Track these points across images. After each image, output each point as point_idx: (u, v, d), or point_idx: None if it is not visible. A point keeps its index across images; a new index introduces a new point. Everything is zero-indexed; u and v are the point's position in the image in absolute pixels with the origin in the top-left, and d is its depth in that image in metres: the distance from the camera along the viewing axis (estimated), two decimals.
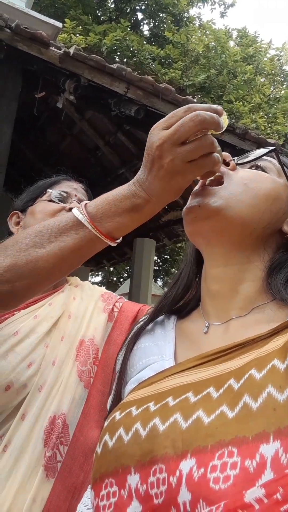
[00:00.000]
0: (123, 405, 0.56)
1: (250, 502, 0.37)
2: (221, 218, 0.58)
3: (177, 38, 7.79)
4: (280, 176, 0.64)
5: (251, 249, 0.61)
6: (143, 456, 0.47)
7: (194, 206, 0.59)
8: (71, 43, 6.90)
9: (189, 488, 0.42)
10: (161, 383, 0.55)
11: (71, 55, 2.57)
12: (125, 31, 7.38)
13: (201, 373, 0.52)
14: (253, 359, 0.49)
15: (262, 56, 9.50)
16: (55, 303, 0.98)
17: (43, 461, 0.81)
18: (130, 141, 4.77)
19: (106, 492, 0.49)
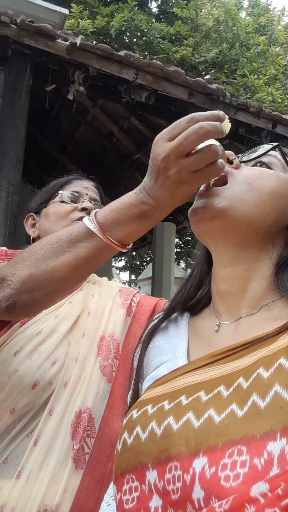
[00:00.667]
0: (139, 403, 0.59)
1: (256, 496, 0.39)
2: (226, 218, 0.59)
3: (186, 14, 7.56)
4: (285, 172, 0.63)
5: (258, 247, 0.61)
6: (159, 453, 0.50)
7: (199, 208, 0.60)
8: (79, 28, 6.81)
9: (202, 485, 0.44)
10: (174, 382, 0.57)
11: (78, 46, 2.56)
12: (133, 11, 7.21)
13: (212, 371, 0.55)
14: (261, 357, 0.51)
15: (275, 25, 9.11)
16: (75, 302, 1.01)
17: (72, 454, 0.85)
18: (144, 125, 4.74)
19: (128, 487, 0.52)
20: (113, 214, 0.63)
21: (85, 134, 5.58)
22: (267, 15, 9.11)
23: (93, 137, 5.56)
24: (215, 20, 7.56)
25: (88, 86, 2.82)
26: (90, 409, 0.89)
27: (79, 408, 0.88)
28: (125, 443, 0.55)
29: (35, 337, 0.90)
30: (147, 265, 12.81)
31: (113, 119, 5.04)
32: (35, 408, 0.86)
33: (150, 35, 7.43)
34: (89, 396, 0.90)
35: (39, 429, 0.84)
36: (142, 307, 1.06)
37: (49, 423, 0.85)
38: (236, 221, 0.59)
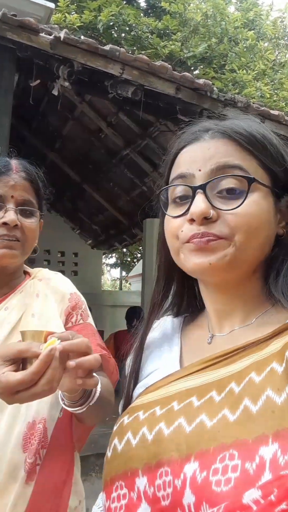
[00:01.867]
0: (131, 409, 0.58)
1: (248, 504, 0.39)
2: (232, 271, 0.57)
3: (174, 8, 7.51)
4: (257, 186, 0.57)
5: (252, 270, 0.60)
6: (150, 459, 0.50)
7: (204, 265, 0.56)
8: (66, 23, 6.73)
9: (193, 490, 0.44)
10: (166, 388, 0.57)
11: (62, 40, 2.52)
12: (121, 5, 7.15)
13: (204, 377, 0.54)
14: (253, 362, 0.51)
15: (263, 20, 9.10)
16: (12, 306, 0.93)
17: (25, 466, 0.80)
18: (132, 120, 4.70)
19: (116, 494, 0.52)
20: None
21: (73, 130, 5.53)
22: (255, 10, 9.10)
23: (81, 133, 5.51)
24: (204, 14, 7.53)
25: (73, 81, 2.77)
26: (45, 420, 0.85)
27: (32, 419, 0.84)
28: (115, 449, 0.55)
29: None
30: (137, 262, 12.81)
31: (101, 115, 4.99)
32: None
33: (138, 29, 7.38)
34: (43, 405, 0.85)
35: None
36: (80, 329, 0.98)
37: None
38: (239, 267, 0.58)
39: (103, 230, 7.90)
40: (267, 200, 0.58)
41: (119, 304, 7.78)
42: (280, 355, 0.49)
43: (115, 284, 19.93)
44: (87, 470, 2.94)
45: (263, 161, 0.58)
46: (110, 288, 18.03)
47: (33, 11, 4.32)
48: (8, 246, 0.89)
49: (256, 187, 0.57)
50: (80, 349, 0.68)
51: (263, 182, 0.58)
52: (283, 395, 0.45)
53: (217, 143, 0.58)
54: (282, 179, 0.60)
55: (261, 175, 0.58)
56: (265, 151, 0.59)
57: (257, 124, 0.62)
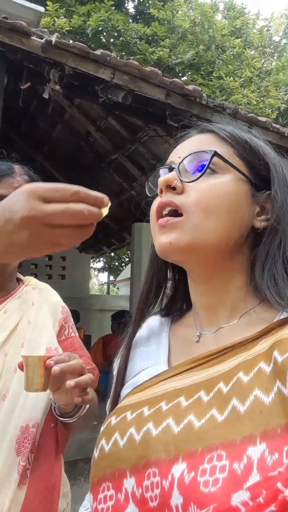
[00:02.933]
0: (118, 409, 0.58)
1: (237, 505, 0.38)
2: (193, 251, 0.58)
3: (163, 15, 7.59)
4: (229, 171, 0.60)
5: (229, 260, 0.61)
6: (137, 460, 0.49)
7: (165, 244, 0.58)
8: (55, 27, 6.74)
9: (181, 491, 0.44)
10: (155, 388, 0.57)
11: (53, 44, 2.53)
12: (110, 11, 7.19)
13: (193, 377, 0.54)
14: (241, 362, 0.51)
15: (250, 28, 9.26)
16: (11, 310, 0.95)
17: (19, 469, 0.81)
18: (122, 125, 4.72)
19: (103, 495, 0.51)
20: None
21: (62, 134, 5.53)
22: (242, 18, 9.24)
23: (70, 137, 5.51)
24: (192, 22, 7.63)
25: (64, 85, 2.78)
26: (38, 424, 0.87)
27: (25, 423, 0.85)
28: (103, 450, 0.54)
29: None
30: (125, 266, 12.80)
31: (90, 119, 5.00)
32: None
33: (127, 35, 7.43)
34: (38, 410, 0.88)
35: None
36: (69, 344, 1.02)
37: None
38: (202, 249, 0.58)
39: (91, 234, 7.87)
40: (240, 186, 0.59)
41: (106, 308, 7.75)
42: (268, 355, 0.49)
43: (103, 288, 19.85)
44: (75, 475, 2.92)
45: (241, 151, 0.61)
46: (98, 292, 17.94)
47: (23, 15, 4.32)
48: None
49: (227, 170, 0.59)
50: (75, 370, 0.78)
51: (237, 167, 0.59)
52: (271, 395, 0.45)
53: (200, 136, 0.64)
54: (262, 174, 0.62)
55: (237, 163, 0.60)
56: (245, 145, 0.62)
57: (245, 129, 0.66)
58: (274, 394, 0.45)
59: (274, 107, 8.20)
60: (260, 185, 0.61)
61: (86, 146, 5.57)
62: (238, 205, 0.59)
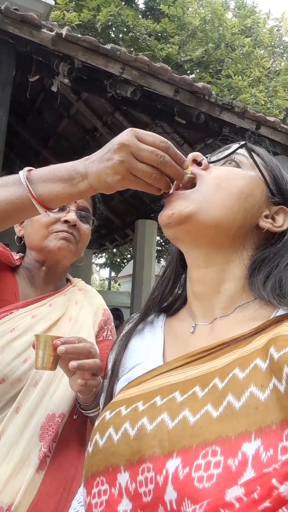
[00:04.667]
0: (113, 404, 0.58)
1: (231, 501, 0.38)
2: (194, 222, 0.59)
3: (173, 11, 7.56)
4: (253, 170, 0.64)
5: (229, 249, 0.62)
6: (132, 455, 0.49)
7: (168, 213, 0.60)
8: (64, 21, 6.72)
9: (175, 486, 0.43)
10: (149, 383, 0.56)
11: (63, 37, 2.51)
12: (120, 6, 7.16)
13: (188, 372, 0.54)
14: (237, 358, 0.51)
15: (260, 27, 9.22)
16: (56, 305, 1.00)
17: (39, 454, 0.84)
18: (128, 121, 4.71)
19: (97, 490, 0.51)
20: (45, 171, 0.66)
21: (68, 128, 5.52)
22: (252, 17, 9.20)
23: (76, 131, 5.49)
24: (202, 19, 7.59)
25: (72, 79, 2.77)
26: (64, 415, 0.89)
27: (52, 412, 0.88)
28: (97, 444, 0.54)
29: (9, 333, 0.89)
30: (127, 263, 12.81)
31: (97, 114, 4.99)
32: (1, 403, 0.86)
33: (136, 31, 7.41)
34: (65, 401, 0.90)
35: (3, 425, 0.84)
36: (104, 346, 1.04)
37: (15, 420, 0.84)
38: (204, 224, 0.59)
39: (94, 229, 7.87)
40: (258, 184, 0.63)
41: (108, 304, 7.74)
42: (264, 351, 0.49)
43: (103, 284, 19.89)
44: None
45: (268, 165, 0.66)
46: (98, 288, 17.97)
47: (33, 7, 4.31)
48: (65, 238, 0.99)
49: (252, 168, 0.64)
50: (82, 352, 0.79)
51: (261, 169, 0.64)
52: (267, 391, 0.45)
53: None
54: (283, 192, 0.66)
55: (262, 168, 0.64)
56: (274, 168, 0.67)
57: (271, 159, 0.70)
58: (270, 390, 0.45)
59: (282, 107, 8.17)
60: (277, 196, 0.64)
61: (92, 141, 5.55)
62: (251, 194, 0.62)
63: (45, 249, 0.99)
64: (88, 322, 1.02)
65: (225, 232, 0.60)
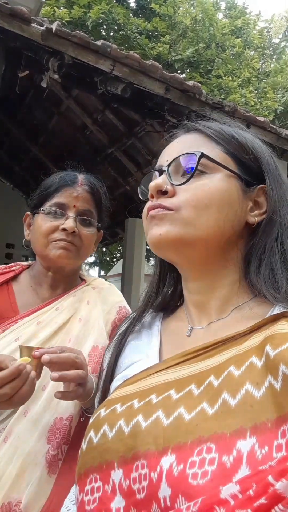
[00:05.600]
0: (108, 402, 0.58)
1: (226, 498, 0.38)
2: (183, 245, 0.58)
3: (164, 11, 7.57)
4: (219, 170, 0.60)
5: (222, 257, 0.61)
6: (126, 452, 0.49)
7: (156, 235, 0.59)
8: (55, 17, 6.67)
9: (169, 483, 0.43)
10: (145, 381, 0.56)
11: (53, 32, 2.49)
12: (111, 4, 7.14)
13: (183, 370, 0.54)
14: (232, 356, 0.51)
15: (250, 28, 9.28)
16: (62, 308, 0.99)
17: (47, 457, 0.84)
18: (119, 119, 4.69)
19: (90, 487, 0.51)
20: None
21: (58, 125, 5.48)
22: (243, 18, 9.26)
23: (66, 128, 5.46)
24: (193, 19, 7.62)
25: (63, 75, 2.75)
26: (72, 417, 0.89)
27: (60, 415, 0.88)
28: (91, 441, 0.54)
29: (13, 342, 0.90)
30: (117, 261, 12.79)
31: (87, 112, 4.96)
32: None
33: (127, 29, 7.40)
34: (72, 403, 0.89)
35: (10, 426, 0.84)
36: None
37: (23, 422, 0.85)
38: (193, 245, 0.58)
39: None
40: (230, 183, 0.59)
41: None
42: (260, 349, 0.49)
43: None
44: None
45: (229, 148, 0.61)
46: None
47: (24, 2, 4.26)
48: (64, 247, 0.99)
49: (216, 169, 0.59)
50: (66, 362, 0.79)
51: (226, 166, 0.60)
52: (262, 389, 0.45)
53: (187, 136, 0.64)
54: (253, 169, 0.62)
55: (224, 160, 0.60)
56: (232, 141, 0.62)
57: (233, 126, 0.66)
58: (265, 388, 0.45)
59: (271, 108, 8.24)
60: (250, 181, 0.61)
61: (82, 138, 5.53)
62: (229, 201, 0.59)
63: (46, 258, 1.01)
64: (100, 322, 1.01)
65: (216, 245, 0.59)
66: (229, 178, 0.59)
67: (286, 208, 0.62)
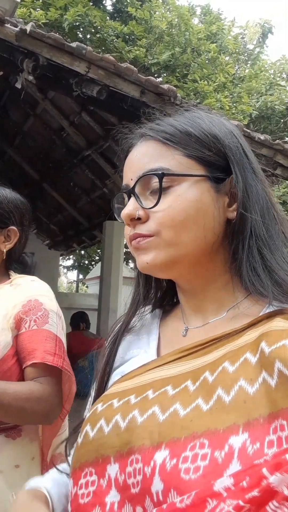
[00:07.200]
0: (105, 397, 0.58)
1: (219, 491, 0.38)
2: (171, 265, 0.58)
3: (140, 14, 7.61)
4: (184, 180, 0.57)
5: (210, 261, 0.60)
6: (122, 446, 0.49)
7: (143, 263, 0.58)
8: (31, 19, 6.62)
9: (162, 477, 0.44)
10: (142, 376, 0.57)
11: (28, 33, 2.48)
12: (87, 6, 7.14)
13: (180, 366, 0.54)
14: (227, 352, 0.51)
15: (225, 34, 9.43)
16: None
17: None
18: (95, 121, 4.69)
19: (85, 481, 0.51)
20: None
21: (34, 127, 5.43)
22: (218, 24, 9.40)
23: (43, 130, 5.42)
24: (168, 23, 7.69)
25: (37, 76, 2.73)
26: None
27: None
28: (87, 436, 0.54)
29: None
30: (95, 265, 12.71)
31: (63, 114, 4.94)
32: None
33: (104, 32, 7.40)
34: None
35: None
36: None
37: None
38: (181, 262, 0.58)
39: (62, 231, 7.79)
40: (199, 188, 0.57)
41: (75, 307, 7.67)
42: (254, 345, 0.49)
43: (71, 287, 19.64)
44: None
45: (188, 150, 0.57)
46: (66, 290, 17.73)
47: None
48: None
49: (181, 178, 0.57)
50: None
51: (190, 173, 0.57)
52: (255, 385, 0.45)
53: (142, 147, 0.60)
54: (220, 162, 0.58)
55: (187, 165, 0.57)
56: (190, 140, 0.58)
57: (186, 116, 0.61)
58: (259, 384, 0.45)
59: (246, 113, 8.38)
60: (220, 176, 0.58)
61: (58, 140, 5.50)
62: (204, 208, 0.57)
63: None
64: (3, 320, 1.04)
65: (202, 254, 0.58)
66: (197, 183, 0.57)
67: (256, 195, 0.58)
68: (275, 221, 0.59)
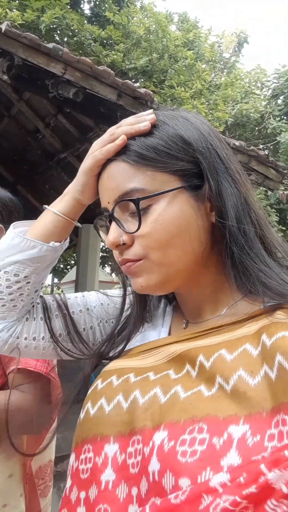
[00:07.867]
0: (104, 373, 0.59)
1: (215, 486, 0.38)
2: (165, 283, 0.58)
3: (118, 19, 7.64)
4: (163, 197, 0.56)
5: (204, 267, 0.60)
6: (123, 427, 0.50)
7: (139, 288, 0.59)
8: (7, 19, 6.52)
9: (159, 458, 0.44)
10: (142, 356, 0.58)
11: (2, 32, 2.44)
12: (65, 9, 7.10)
13: (176, 347, 0.56)
14: (225, 340, 0.51)
15: (202, 42, 9.58)
16: None
17: None
18: (72, 124, 4.66)
19: (84, 456, 0.52)
20: None
21: (8, 128, 5.35)
22: (195, 32, 9.54)
23: (17, 132, 5.34)
24: (146, 29, 7.74)
25: (12, 76, 2.69)
26: None
27: None
28: (88, 413, 0.55)
29: None
30: (70, 268, 12.59)
31: (39, 116, 4.89)
32: None
33: (81, 35, 7.37)
34: None
35: None
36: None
37: None
38: (174, 278, 0.58)
39: None
40: (177, 202, 0.55)
41: None
42: (255, 337, 0.49)
43: (46, 290, 19.37)
44: None
45: (160, 165, 0.56)
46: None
47: None
48: None
49: (156, 197, 0.55)
50: None
51: (165, 189, 0.55)
52: (257, 378, 0.45)
53: (113, 169, 0.58)
54: (194, 168, 0.57)
55: (161, 180, 0.55)
56: (159, 156, 0.56)
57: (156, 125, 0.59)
58: (261, 377, 0.45)
59: (222, 120, 8.52)
60: (198, 183, 0.57)
61: (34, 143, 5.42)
62: (187, 221, 0.55)
63: None
64: None
65: (194, 264, 0.58)
66: (175, 197, 0.55)
67: (231, 199, 0.56)
68: (252, 224, 0.58)
